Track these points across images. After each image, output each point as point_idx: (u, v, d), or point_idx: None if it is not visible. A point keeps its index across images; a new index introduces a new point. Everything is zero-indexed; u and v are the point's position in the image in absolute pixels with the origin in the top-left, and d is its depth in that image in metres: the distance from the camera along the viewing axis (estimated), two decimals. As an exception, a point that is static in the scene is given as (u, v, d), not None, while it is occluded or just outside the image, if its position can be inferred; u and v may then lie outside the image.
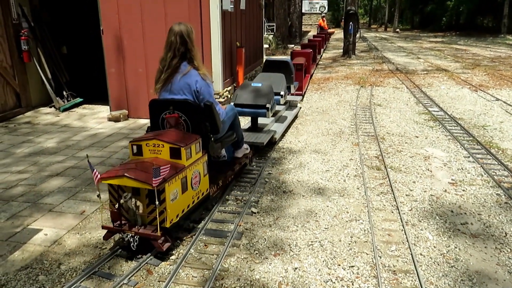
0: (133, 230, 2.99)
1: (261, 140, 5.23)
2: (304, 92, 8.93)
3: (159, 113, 3.61)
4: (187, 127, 3.57)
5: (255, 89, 5.41)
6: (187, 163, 3.19)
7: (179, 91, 3.56)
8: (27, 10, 7.68)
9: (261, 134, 5.44)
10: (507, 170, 4.80)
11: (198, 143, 3.34)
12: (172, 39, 3.50)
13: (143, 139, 3.26)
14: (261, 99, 5.29)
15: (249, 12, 9.57)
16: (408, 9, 55.01)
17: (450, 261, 3.07)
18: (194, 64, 3.56)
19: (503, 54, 18.99)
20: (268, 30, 23.37)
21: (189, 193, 3.26)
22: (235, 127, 4.26)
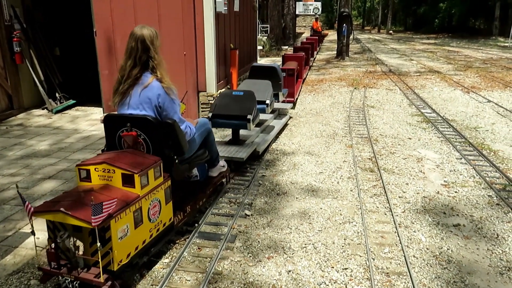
0: (73, 274, 2.54)
1: (241, 155, 4.74)
2: (296, 99, 8.58)
3: (115, 131, 3.12)
4: (147, 147, 3.09)
5: (236, 98, 4.98)
6: (142, 192, 2.73)
7: (139, 105, 3.08)
8: (19, 11, 7.62)
9: (242, 148, 4.97)
10: (499, 172, 4.85)
11: (158, 167, 2.88)
12: (133, 45, 3.06)
13: (91, 162, 2.79)
14: (242, 109, 4.84)
15: (243, 14, 9.57)
16: (401, 11, 55.36)
17: (443, 263, 3.09)
18: (157, 75, 3.10)
19: (494, 56, 19.17)
20: (262, 32, 23.40)
21: (145, 226, 2.81)
22: (208, 144, 3.85)
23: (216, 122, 4.90)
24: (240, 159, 4.70)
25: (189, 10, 6.73)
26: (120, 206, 2.54)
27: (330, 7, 59.42)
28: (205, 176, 3.99)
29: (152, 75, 3.11)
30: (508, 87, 10.52)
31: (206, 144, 3.81)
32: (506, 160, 5.30)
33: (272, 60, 16.62)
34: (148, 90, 3.06)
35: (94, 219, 2.28)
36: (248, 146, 5.06)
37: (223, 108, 4.90)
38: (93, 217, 2.27)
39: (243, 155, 4.73)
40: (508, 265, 3.05)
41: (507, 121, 7.25)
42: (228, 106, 4.90)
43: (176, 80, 7.00)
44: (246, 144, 5.15)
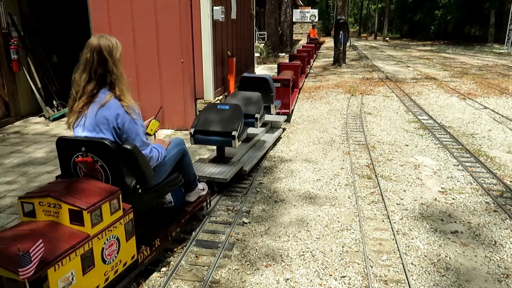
0: None
1: (224, 175, 4.32)
2: (291, 110, 8.18)
3: (70, 156, 2.73)
4: (106, 175, 2.68)
5: (221, 113, 4.60)
6: (94, 231, 2.34)
7: (95, 127, 2.67)
8: (17, 19, 7.64)
9: (227, 167, 4.55)
10: (496, 178, 4.86)
11: (116, 199, 2.50)
12: (88, 57, 2.66)
13: (36, 195, 2.41)
14: (227, 124, 4.46)
15: (240, 22, 9.62)
16: (398, 18, 55.84)
17: (441, 270, 3.08)
18: (116, 91, 2.69)
19: (490, 62, 19.31)
20: (259, 39, 23.50)
21: (99, 269, 2.41)
22: (183, 167, 3.44)
23: (198, 138, 4.53)
24: (223, 180, 4.28)
25: (186, 17, 6.76)
26: (63, 250, 2.14)
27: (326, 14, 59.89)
28: (181, 201, 3.57)
29: (110, 92, 2.69)
30: (504, 94, 10.59)
31: (180, 167, 3.39)
32: (503, 167, 5.31)
33: (269, 67, 16.68)
34: (105, 109, 2.65)
35: (22, 271, 1.87)
36: (234, 165, 4.63)
37: (206, 123, 4.52)
38: (21, 269, 1.87)
39: (227, 176, 4.30)
40: (506, 272, 3.05)
41: (504, 128, 7.29)
42: (212, 121, 4.52)
43: (173, 87, 7.07)
44: (231, 162, 4.73)
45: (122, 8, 6.78)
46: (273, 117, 6.71)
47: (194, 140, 4.54)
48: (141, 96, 7.11)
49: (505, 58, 21.83)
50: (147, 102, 7.09)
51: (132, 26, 6.84)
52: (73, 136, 2.77)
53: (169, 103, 7.05)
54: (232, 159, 4.84)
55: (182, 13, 6.73)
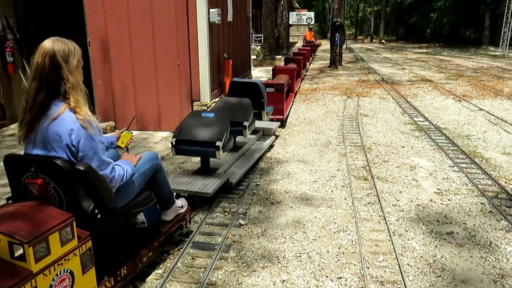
0: None
1: (207, 189, 4.00)
2: (286, 116, 7.87)
3: (20, 176, 2.40)
4: (60, 198, 2.34)
5: (205, 121, 4.30)
6: (39, 267, 1.96)
7: (46, 144, 2.33)
8: (12, 21, 7.62)
9: (211, 180, 4.23)
10: (491, 179, 4.88)
11: (69, 227, 2.13)
12: (39, 61, 2.30)
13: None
14: (211, 134, 4.16)
15: (236, 24, 9.64)
16: (393, 20, 56.09)
17: (437, 271, 3.09)
18: (70, 102, 2.33)
19: (485, 64, 19.42)
20: (256, 41, 23.57)
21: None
22: (157, 184, 3.08)
23: (180, 148, 4.23)
24: (205, 194, 3.97)
25: (182, 20, 6.77)
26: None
27: (323, 17, 60.09)
28: (156, 221, 3.21)
29: (64, 103, 2.33)
30: (499, 96, 10.65)
31: (153, 184, 3.05)
32: (498, 168, 5.34)
33: (266, 69, 16.70)
34: (57, 123, 2.29)
35: None
36: (219, 177, 4.31)
37: (189, 132, 4.22)
38: None
39: (209, 190, 3.99)
40: (502, 273, 3.06)
41: (499, 129, 7.33)
42: (195, 130, 4.23)
43: (170, 90, 7.07)
44: (217, 174, 4.42)
45: (118, 11, 6.78)
46: (265, 124, 6.41)
47: (176, 150, 4.25)
48: (137, 99, 7.11)
49: (500, 60, 21.97)
50: (143, 105, 7.11)
51: (128, 29, 6.84)
52: (23, 154, 2.42)
53: (166, 105, 7.06)
54: (217, 170, 4.55)
55: (178, 16, 6.74)
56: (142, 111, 7.13)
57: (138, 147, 6.23)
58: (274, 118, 7.11)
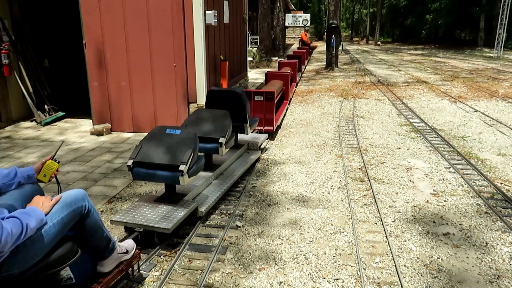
0: None
1: (168, 223, 3.32)
2: (277, 126, 7.20)
3: None
4: None
5: (169, 139, 3.69)
6: None
7: None
8: (8, 23, 7.59)
9: (175, 210, 3.56)
10: (487, 180, 4.91)
11: None
12: None
13: None
14: (174, 156, 3.55)
15: (232, 26, 9.65)
16: (389, 22, 56.34)
17: (433, 272, 3.10)
18: None
19: (480, 66, 19.53)
20: (252, 43, 23.59)
21: None
22: (85, 232, 2.46)
23: (139, 173, 3.62)
24: (164, 230, 3.29)
25: (179, 22, 6.76)
26: None
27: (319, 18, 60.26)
28: (90, 274, 2.57)
29: None
30: (494, 97, 10.71)
31: (82, 232, 2.44)
32: (493, 169, 5.37)
33: (262, 71, 16.71)
34: None
35: None
36: (186, 206, 3.65)
37: (149, 153, 3.61)
38: None
39: (169, 225, 3.29)
40: (498, 273, 3.08)
41: (494, 130, 7.37)
42: (156, 150, 3.62)
43: (166, 91, 7.06)
44: (183, 202, 3.74)
45: (115, 12, 6.77)
46: (250, 137, 5.88)
47: (133, 175, 3.63)
48: (133, 101, 7.10)
49: (495, 61, 22.10)
50: (139, 107, 7.10)
51: (125, 30, 6.83)
52: None
53: (162, 107, 7.05)
54: (185, 197, 3.87)
55: (175, 17, 6.74)
56: (138, 113, 7.12)
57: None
58: (263, 129, 6.64)
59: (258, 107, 6.65)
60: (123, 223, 3.38)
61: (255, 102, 6.68)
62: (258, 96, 6.70)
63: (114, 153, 6.02)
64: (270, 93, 6.78)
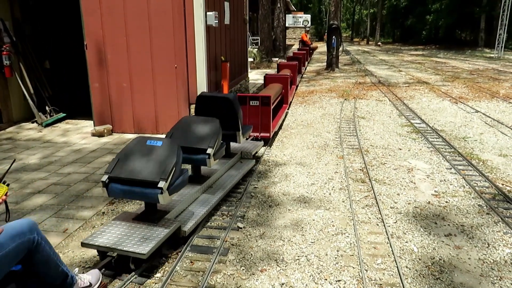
0: None
1: (144, 247, 2.96)
2: (274, 132, 6.84)
3: None
4: None
5: (150, 152, 3.33)
6: None
7: None
8: (9, 24, 7.60)
9: (154, 230, 3.21)
10: (488, 181, 4.90)
11: None
12: None
13: None
14: (153, 171, 3.20)
15: (233, 27, 9.65)
16: (389, 23, 56.34)
17: (435, 273, 3.10)
18: None
19: (481, 66, 19.52)
20: (253, 44, 23.61)
21: None
22: (36, 267, 2.24)
23: (114, 189, 3.27)
24: (139, 255, 2.93)
25: (180, 23, 6.77)
26: None
27: (319, 19, 60.30)
28: None
29: None
30: (495, 98, 10.71)
31: (32, 266, 2.22)
32: (494, 170, 5.36)
33: (263, 71, 16.73)
34: None
35: None
36: (167, 226, 3.28)
37: (126, 167, 3.27)
38: None
39: (146, 249, 2.93)
40: (500, 275, 3.07)
41: (495, 131, 7.36)
42: (135, 164, 3.27)
43: (167, 92, 7.06)
44: (165, 220, 3.38)
45: (116, 14, 6.78)
46: (243, 145, 5.57)
47: (108, 192, 3.29)
48: (134, 102, 7.10)
49: (496, 62, 22.09)
50: (140, 108, 7.10)
51: (126, 32, 6.84)
52: None
53: (163, 108, 7.05)
54: (167, 214, 3.50)
55: (176, 19, 6.74)
56: (139, 114, 7.13)
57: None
58: (259, 135, 6.34)
59: (253, 112, 6.36)
60: (95, 246, 3.03)
61: (250, 107, 6.39)
62: (253, 101, 6.40)
63: (115, 155, 6.02)
64: (266, 98, 6.45)
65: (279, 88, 7.96)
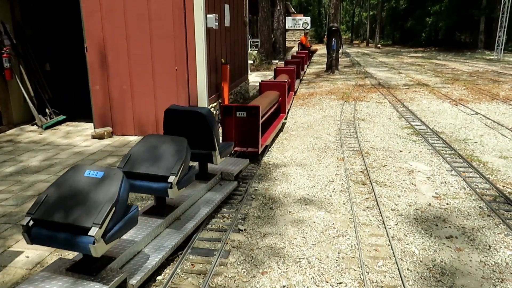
0: None
1: None
2: (265, 146, 6.15)
3: None
4: None
5: (85, 186, 2.67)
6: None
7: None
8: (9, 27, 7.61)
9: (92, 286, 2.59)
10: (489, 183, 4.90)
11: None
12: None
13: None
14: (84, 212, 2.54)
15: (233, 29, 9.67)
16: (389, 25, 56.41)
17: (437, 275, 3.10)
18: None
19: (481, 68, 19.53)
20: (253, 46, 23.62)
21: None
22: None
23: (37, 234, 2.61)
24: None
25: (180, 25, 6.78)
26: None
27: (319, 21, 60.37)
28: None
29: None
30: (495, 99, 10.71)
31: None
32: (495, 172, 5.36)
33: (263, 74, 16.73)
34: None
35: None
36: (108, 279, 2.63)
37: (53, 207, 2.61)
38: None
39: None
40: (501, 277, 3.07)
41: (495, 133, 7.36)
42: (64, 203, 2.61)
43: (167, 95, 7.07)
44: (108, 271, 2.72)
45: (116, 16, 6.79)
46: (224, 165, 4.89)
47: (31, 237, 2.63)
48: (135, 104, 7.10)
49: (495, 64, 22.11)
50: (141, 110, 7.10)
51: (126, 34, 6.85)
52: None
53: (163, 110, 7.03)
54: (111, 262, 2.81)
55: (176, 21, 6.75)
56: (139, 116, 7.13)
57: (136, 153, 6.21)
58: (246, 151, 5.69)
59: (240, 124, 5.72)
60: None
61: (237, 118, 5.74)
62: (240, 112, 5.73)
63: (116, 157, 6.02)
64: (254, 109, 5.75)
65: (275, 97, 7.31)
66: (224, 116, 5.81)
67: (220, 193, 4.37)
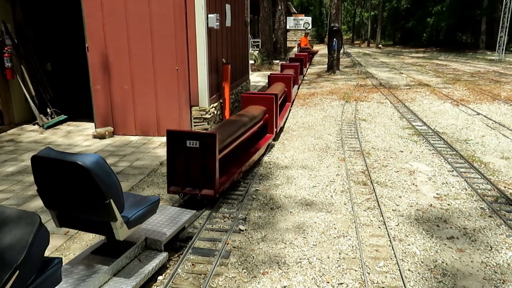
0: None
1: None
2: (220, 192, 4.30)
3: None
4: None
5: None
6: None
7: None
8: (10, 27, 7.61)
9: None
10: (490, 184, 4.89)
11: None
12: None
13: None
14: None
15: (234, 29, 9.66)
16: (390, 25, 56.42)
17: (438, 276, 3.09)
18: None
19: (482, 69, 19.51)
20: (254, 46, 23.63)
21: None
22: None
23: None
24: None
25: (181, 25, 6.78)
26: None
27: (320, 22, 60.40)
28: None
29: None
30: (496, 100, 10.70)
31: None
32: (496, 172, 5.35)
33: (264, 74, 16.72)
34: None
35: None
36: None
37: None
38: None
39: None
40: (503, 278, 3.06)
41: (497, 133, 7.35)
42: None
43: (168, 95, 7.06)
44: None
45: (117, 16, 6.79)
46: (154, 224, 3.39)
47: None
48: (136, 104, 7.10)
49: (497, 64, 22.08)
50: (142, 110, 7.10)
51: (127, 34, 6.85)
52: None
53: (164, 110, 7.05)
54: None
55: (177, 21, 6.75)
56: (140, 116, 7.13)
57: (137, 152, 6.22)
58: (199, 194, 4.19)
59: (191, 157, 4.22)
60: None
61: (188, 149, 4.20)
62: (192, 141, 4.19)
63: (117, 156, 6.02)
64: (211, 137, 4.14)
65: (260, 112, 6.30)
66: (170, 146, 4.25)
67: (132, 280, 2.80)
